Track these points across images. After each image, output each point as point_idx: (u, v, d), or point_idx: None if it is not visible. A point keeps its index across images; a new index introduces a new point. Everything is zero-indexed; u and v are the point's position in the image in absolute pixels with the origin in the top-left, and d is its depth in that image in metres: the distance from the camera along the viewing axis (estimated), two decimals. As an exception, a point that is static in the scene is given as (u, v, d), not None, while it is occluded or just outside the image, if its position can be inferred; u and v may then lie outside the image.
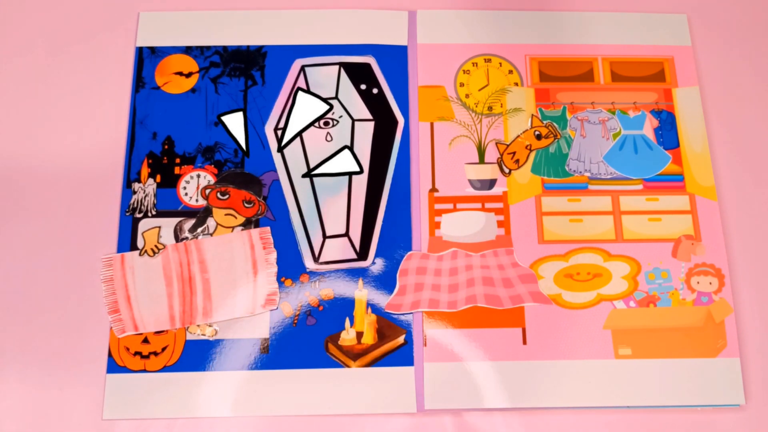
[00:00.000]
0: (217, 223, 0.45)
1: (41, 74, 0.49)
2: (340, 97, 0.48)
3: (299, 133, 0.47)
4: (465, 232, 0.45)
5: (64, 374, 0.42)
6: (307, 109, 0.48)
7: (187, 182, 0.46)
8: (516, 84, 0.49)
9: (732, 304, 0.44)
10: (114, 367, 0.42)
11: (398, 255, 0.45)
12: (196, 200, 0.45)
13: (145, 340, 0.43)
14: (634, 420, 0.42)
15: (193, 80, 0.48)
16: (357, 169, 0.46)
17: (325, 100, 0.48)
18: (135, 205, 0.45)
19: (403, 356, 0.43)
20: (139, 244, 0.44)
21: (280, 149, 0.47)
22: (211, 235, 0.45)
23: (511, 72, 0.49)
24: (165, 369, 0.42)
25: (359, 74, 0.48)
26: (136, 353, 0.42)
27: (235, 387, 0.42)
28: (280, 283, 0.44)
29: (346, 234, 0.45)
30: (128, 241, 0.44)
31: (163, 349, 0.42)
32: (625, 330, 0.43)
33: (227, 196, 0.45)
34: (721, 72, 0.50)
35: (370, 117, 0.47)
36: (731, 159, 0.48)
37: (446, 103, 0.48)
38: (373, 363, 0.42)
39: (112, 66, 0.49)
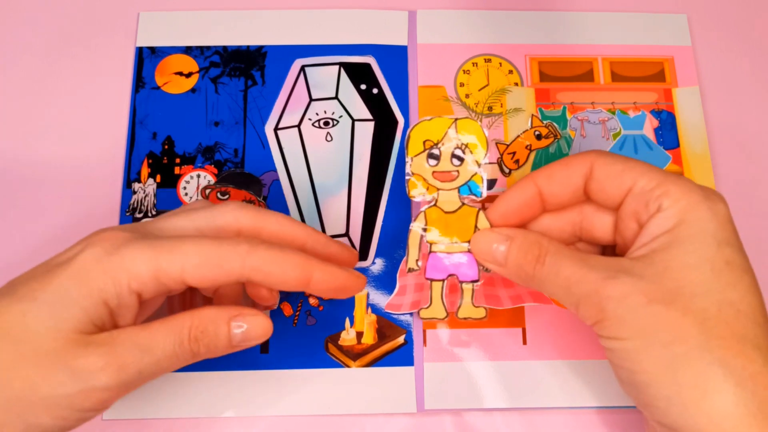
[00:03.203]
0: (217, 223, 0.45)
1: (41, 74, 0.49)
2: (340, 97, 0.48)
3: (299, 133, 0.47)
4: (465, 232, 0.45)
5: (64, 374, 0.42)
6: (307, 109, 0.48)
7: (187, 182, 0.46)
8: (516, 84, 0.49)
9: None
10: (114, 367, 0.42)
11: (398, 255, 0.45)
12: (196, 200, 0.45)
13: (145, 340, 0.43)
14: (634, 420, 0.42)
15: (193, 80, 0.48)
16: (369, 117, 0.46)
17: (325, 101, 0.48)
18: (135, 205, 0.45)
19: (403, 356, 0.43)
20: (139, 244, 0.44)
21: (280, 149, 0.47)
22: (211, 235, 0.45)
23: (511, 72, 0.49)
24: (165, 369, 0.42)
25: (359, 74, 0.48)
26: (136, 353, 0.42)
27: (235, 387, 0.42)
28: (280, 283, 0.44)
29: (346, 234, 0.45)
30: (128, 241, 0.44)
31: (163, 349, 0.42)
32: (625, 330, 0.43)
33: (227, 196, 0.45)
34: (721, 72, 0.50)
35: (370, 117, 0.47)
36: (731, 159, 0.48)
37: (446, 103, 0.48)
38: (373, 363, 0.42)
39: (112, 66, 0.49)
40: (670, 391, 0.30)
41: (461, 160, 0.37)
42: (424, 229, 0.39)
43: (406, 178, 0.38)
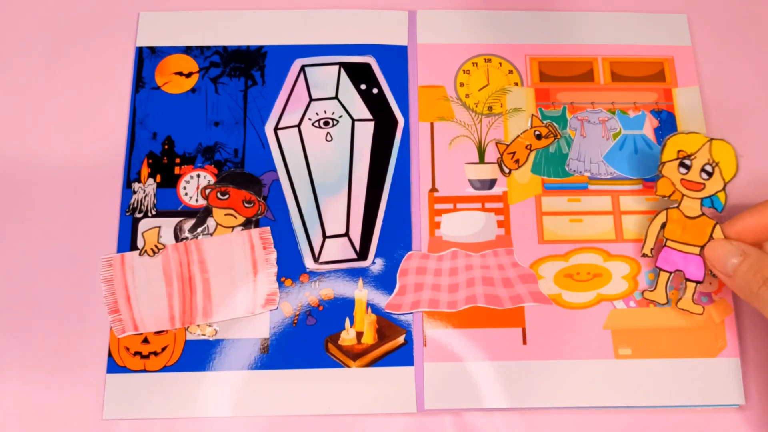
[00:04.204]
0: (217, 223, 0.45)
1: (41, 74, 0.49)
2: (340, 97, 0.48)
3: (299, 133, 0.47)
4: (465, 232, 0.45)
5: (64, 374, 0.42)
6: (307, 109, 0.48)
7: (187, 182, 0.46)
8: (516, 84, 0.49)
9: (732, 303, 0.44)
10: (114, 367, 0.42)
11: (398, 255, 0.45)
12: (196, 200, 0.45)
13: (145, 340, 0.43)
14: (634, 420, 0.42)
15: (193, 80, 0.48)
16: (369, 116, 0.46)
17: (325, 100, 0.48)
18: (135, 205, 0.45)
19: (403, 356, 0.43)
20: (139, 244, 0.44)
21: (280, 149, 0.47)
22: (211, 235, 0.45)
23: (511, 72, 0.49)
24: (165, 369, 0.42)
25: (359, 74, 0.48)
26: (136, 353, 0.42)
27: (235, 387, 0.42)
28: (280, 283, 0.44)
29: (346, 234, 0.45)
30: (128, 241, 0.44)
31: (163, 349, 0.42)
32: (625, 330, 0.43)
33: (227, 196, 0.45)
34: (721, 72, 0.50)
35: (370, 117, 0.47)
36: (731, 159, 0.48)
37: (446, 103, 0.48)
38: (373, 363, 0.42)
39: (112, 66, 0.49)
40: None
41: (710, 175, 0.40)
42: (663, 225, 0.42)
43: (657, 177, 0.41)
